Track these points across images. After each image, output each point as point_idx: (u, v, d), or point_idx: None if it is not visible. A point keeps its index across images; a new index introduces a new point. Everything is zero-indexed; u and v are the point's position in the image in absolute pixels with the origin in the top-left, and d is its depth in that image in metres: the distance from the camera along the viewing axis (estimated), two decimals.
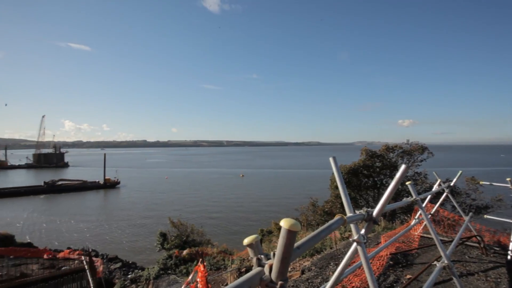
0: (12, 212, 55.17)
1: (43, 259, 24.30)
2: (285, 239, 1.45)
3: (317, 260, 8.22)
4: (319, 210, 22.11)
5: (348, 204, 3.04)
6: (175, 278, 15.15)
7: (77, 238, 38.86)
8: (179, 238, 21.85)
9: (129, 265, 27.42)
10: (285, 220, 1.47)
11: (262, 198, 65.56)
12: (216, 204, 59.36)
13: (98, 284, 16.43)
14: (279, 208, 55.74)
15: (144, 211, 54.29)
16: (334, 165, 3.13)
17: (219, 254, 17.28)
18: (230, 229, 42.45)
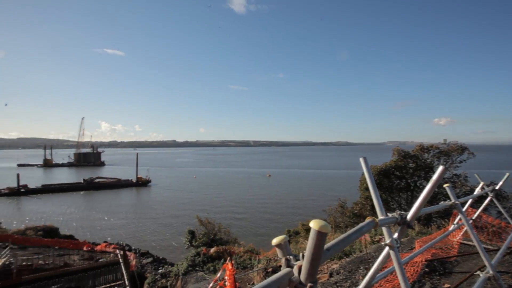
0: (56, 207, 59.78)
1: (83, 251, 26.05)
2: (314, 240, 1.42)
3: (345, 263, 7.99)
4: (348, 212, 21.49)
5: (380, 206, 2.92)
6: (202, 275, 15.49)
7: (111, 232, 41.12)
8: (206, 236, 22.33)
9: (159, 260, 28.49)
10: (315, 221, 1.44)
11: (288, 199, 65.08)
12: (242, 204, 59.90)
13: (131, 277, 17.25)
14: (305, 209, 55.00)
15: (173, 209, 56.16)
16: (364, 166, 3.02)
17: (245, 253, 17.42)
18: (256, 229, 42.62)
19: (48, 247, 25.62)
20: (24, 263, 20.01)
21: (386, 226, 2.70)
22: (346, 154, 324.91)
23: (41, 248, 25.67)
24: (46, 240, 27.90)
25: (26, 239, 27.50)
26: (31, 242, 27.20)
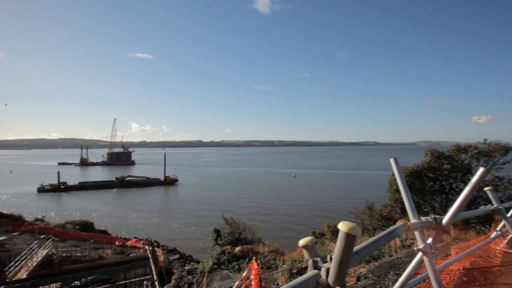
0: (91, 203, 63.57)
1: (115, 245, 27.45)
2: (343, 243, 1.38)
3: (374, 267, 7.70)
4: (376, 214, 20.71)
5: (412, 209, 2.77)
6: (227, 273, 15.69)
7: (140, 229, 42.92)
8: (231, 235, 22.56)
9: (186, 257, 29.31)
10: (344, 223, 1.40)
11: (313, 199, 64.09)
12: (267, 204, 59.90)
13: (159, 272, 17.88)
14: (331, 210, 53.84)
15: (199, 207, 57.46)
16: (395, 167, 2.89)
17: (270, 254, 17.39)
18: (280, 229, 42.42)
19: (84, 241, 27.36)
20: (64, 254, 21.50)
21: (419, 230, 2.56)
22: (374, 154, 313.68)
23: (78, 241, 27.44)
24: (83, 234, 29.80)
25: (66, 232, 29.53)
26: (70, 235, 29.17)
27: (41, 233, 27.46)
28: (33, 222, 33.05)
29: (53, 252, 21.16)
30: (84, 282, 14.85)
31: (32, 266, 18.10)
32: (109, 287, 14.71)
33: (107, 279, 15.29)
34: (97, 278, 15.25)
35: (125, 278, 15.69)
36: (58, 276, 15.64)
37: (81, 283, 14.81)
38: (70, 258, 21.22)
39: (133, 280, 15.52)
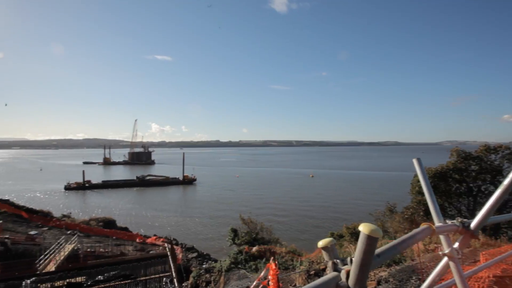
0: (113, 201, 65.87)
1: (136, 242, 28.30)
2: (364, 245, 1.33)
3: (395, 271, 7.45)
4: (398, 216, 20.05)
5: (436, 212, 2.64)
6: (244, 272, 15.75)
7: (159, 227, 43.95)
8: (249, 235, 22.63)
9: (203, 256, 29.71)
10: (365, 224, 1.35)
11: (332, 200, 63.10)
12: (284, 204, 59.62)
13: (178, 269, 18.23)
14: (350, 211, 52.77)
15: (216, 207, 58.08)
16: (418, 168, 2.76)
17: (287, 254, 17.29)
18: (298, 230, 42.08)
19: (107, 237, 28.40)
20: (88, 250, 22.42)
21: (444, 234, 2.44)
22: (395, 154, 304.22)
23: (101, 237, 28.53)
24: (105, 231, 30.96)
25: (90, 229, 30.80)
26: (94, 231, 30.39)
27: (67, 229, 28.81)
28: (60, 218, 34.70)
29: (79, 247, 22.12)
30: (107, 277, 15.40)
31: (60, 259, 19.01)
32: (130, 282, 15.17)
33: (128, 274, 15.78)
34: (119, 274, 15.76)
35: (145, 275, 16.12)
36: (83, 270, 16.32)
37: (104, 277, 15.38)
38: (94, 253, 22.11)
39: (152, 276, 15.91)
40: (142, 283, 15.21)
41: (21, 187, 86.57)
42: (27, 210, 33.38)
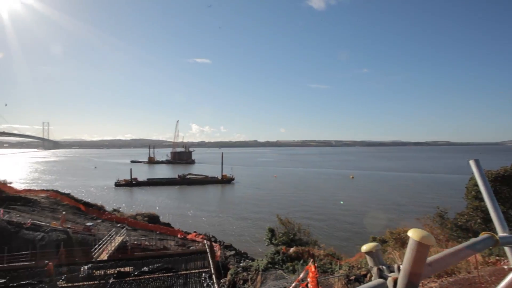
0: (157, 197, 69.93)
1: (177, 237, 29.73)
2: (414, 252, 1.21)
3: (448, 283, 6.82)
4: (449, 223, 18.38)
5: (500, 220, 2.33)
6: (282, 273, 15.65)
7: (199, 224, 45.52)
8: (286, 235, 22.46)
9: (241, 254, 30.17)
10: (415, 230, 1.23)
11: (373, 203, 60.10)
12: (323, 205, 58.21)
13: (216, 266, 18.73)
14: (392, 215, 49.75)
15: (254, 206, 58.62)
16: (476, 170, 2.46)
17: (326, 257, 16.83)
18: (336, 232, 40.78)
19: (151, 231, 30.21)
20: (135, 242, 24.09)
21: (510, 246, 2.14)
22: (446, 155, 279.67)
23: (146, 231, 30.45)
24: (150, 225, 32.97)
25: (137, 223, 33.04)
26: (140, 225, 32.54)
27: (117, 222, 31.24)
28: (111, 212, 37.76)
29: (127, 240, 23.86)
30: (151, 269, 16.35)
31: (111, 250, 20.69)
32: (172, 275, 15.92)
33: (171, 268, 16.57)
34: (162, 266, 16.64)
35: (185, 269, 16.81)
36: (131, 261, 17.53)
37: (149, 269, 16.35)
38: (140, 246, 23.68)
39: (192, 271, 16.52)
40: (183, 276, 15.87)
41: (78, 182, 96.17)
42: (84, 204, 36.88)
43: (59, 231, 23.29)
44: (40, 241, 21.30)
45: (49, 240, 21.75)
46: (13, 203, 28.43)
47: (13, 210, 25.99)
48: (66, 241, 21.93)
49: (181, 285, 14.96)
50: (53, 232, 22.94)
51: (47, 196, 34.80)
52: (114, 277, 15.53)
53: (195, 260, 17.98)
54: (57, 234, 22.89)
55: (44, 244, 20.88)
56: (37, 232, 22.46)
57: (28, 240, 21.05)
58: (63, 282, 15.03)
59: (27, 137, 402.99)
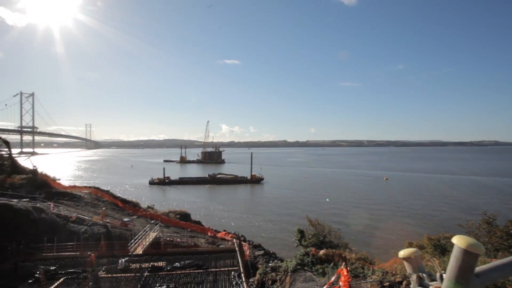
0: (188, 196, 72.25)
1: (207, 235, 30.43)
2: (460, 261, 1.09)
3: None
4: (498, 231, 16.81)
5: None
6: (311, 275, 15.37)
7: (228, 223, 46.24)
8: (316, 237, 22.04)
9: (270, 254, 30.14)
10: (461, 237, 1.11)
11: (409, 206, 56.98)
12: (354, 207, 56.35)
13: (245, 265, 18.87)
14: (430, 220, 46.86)
15: (283, 207, 58.30)
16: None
17: (357, 261, 16.25)
18: (369, 236, 39.25)
19: (183, 229, 31.25)
20: (167, 239, 25.07)
21: None
22: (493, 157, 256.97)
23: (178, 229, 31.54)
24: (182, 223, 34.12)
25: (169, 220, 34.36)
26: (172, 222, 33.80)
27: (151, 219, 32.72)
28: (146, 209, 39.63)
29: (160, 236, 24.90)
30: (182, 265, 16.90)
31: (146, 245, 21.73)
32: (202, 272, 16.32)
33: (201, 265, 17.01)
34: (193, 263, 17.13)
35: (215, 266, 17.15)
36: (164, 256, 18.28)
37: (180, 265, 16.91)
38: (172, 242, 24.60)
39: (222, 269, 16.80)
40: (213, 274, 16.20)
41: (116, 180, 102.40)
42: (121, 200, 39.13)
43: (99, 225, 24.96)
44: (84, 234, 22.97)
45: (91, 233, 23.38)
46: (61, 198, 30.98)
47: (61, 205, 28.29)
48: (106, 234, 23.43)
49: (210, 282, 15.28)
50: (95, 226, 24.62)
51: (89, 193, 37.44)
52: (149, 271, 16.28)
53: (225, 258, 18.26)
54: (98, 228, 24.53)
55: (87, 236, 22.49)
56: (81, 225, 24.25)
57: (74, 232, 22.81)
58: (103, 272, 16.06)
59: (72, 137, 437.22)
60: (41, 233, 20.33)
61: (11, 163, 36.76)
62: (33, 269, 16.15)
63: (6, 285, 14.99)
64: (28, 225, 20.92)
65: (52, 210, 24.65)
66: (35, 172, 35.23)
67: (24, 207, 21.98)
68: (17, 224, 20.46)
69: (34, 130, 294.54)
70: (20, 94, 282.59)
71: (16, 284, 15.11)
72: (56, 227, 22.66)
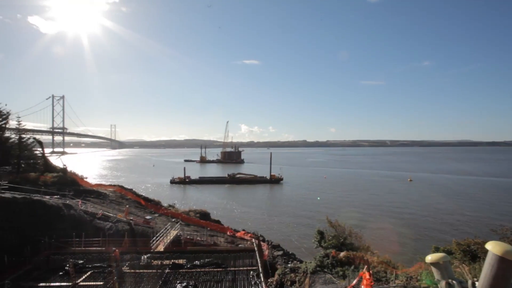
0: (208, 195, 73.29)
1: (227, 235, 30.67)
2: (495, 268, 1.01)
3: None
4: None
5: None
6: (331, 278, 15.07)
7: (247, 222, 46.35)
8: (336, 238, 21.58)
9: (289, 255, 29.87)
10: (496, 243, 1.03)
11: (435, 209, 54.55)
12: (376, 209, 54.76)
13: (264, 265, 18.82)
14: (457, 224, 44.65)
15: (302, 207, 57.69)
16: None
17: (379, 265, 15.73)
18: (391, 239, 37.97)
19: (203, 227, 31.70)
20: (188, 237, 25.52)
21: None
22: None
23: (198, 227, 32.03)
24: (202, 222, 34.64)
25: (189, 219, 34.97)
26: (192, 221, 34.38)
27: (172, 217, 33.46)
28: (167, 207, 40.60)
29: (180, 234, 25.40)
30: (202, 263, 17.15)
31: (167, 242, 22.24)
32: (221, 271, 16.47)
33: (220, 263, 17.18)
34: (212, 261, 17.33)
35: (234, 266, 17.24)
36: (184, 254, 18.63)
37: (200, 263, 17.17)
38: (192, 240, 25.02)
39: (241, 268, 16.88)
40: (232, 273, 16.31)
41: (139, 179, 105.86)
42: (144, 199, 40.34)
43: (123, 222, 25.86)
44: (109, 230, 23.89)
45: (116, 230, 24.28)
46: (88, 196, 32.44)
47: (88, 202, 29.63)
48: (129, 231, 24.23)
49: (229, 281, 15.38)
50: (119, 222, 25.55)
51: (114, 191, 38.89)
52: (169, 268, 16.66)
53: (244, 257, 18.32)
54: (122, 224, 25.44)
55: (111, 233, 23.37)
56: (106, 222, 25.25)
57: (99, 228, 23.79)
58: (126, 268, 16.62)
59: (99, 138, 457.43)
60: (70, 228, 21.38)
61: (44, 162, 38.97)
62: (63, 262, 17.02)
63: (40, 276, 15.92)
64: (58, 221, 22.06)
65: (80, 207, 25.83)
66: (65, 171, 37.11)
67: (55, 204, 23.19)
68: (49, 219, 21.62)
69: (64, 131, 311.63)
70: (52, 97, 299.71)
71: (48, 275, 16.00)
72: (83, 223, 23.72)
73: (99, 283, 15.07)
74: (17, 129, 36.25)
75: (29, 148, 37.45)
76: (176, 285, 14.53)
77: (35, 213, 21.07)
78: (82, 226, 23.12)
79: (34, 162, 37.46)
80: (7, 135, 35.11)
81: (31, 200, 21.75)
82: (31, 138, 39.49)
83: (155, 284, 14.87)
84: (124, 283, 14.90)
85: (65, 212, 23.20)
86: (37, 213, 21.18)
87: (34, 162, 37.37)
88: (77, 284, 14.79)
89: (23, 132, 36.47)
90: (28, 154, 37.13)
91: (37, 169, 35.81)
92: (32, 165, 36.36)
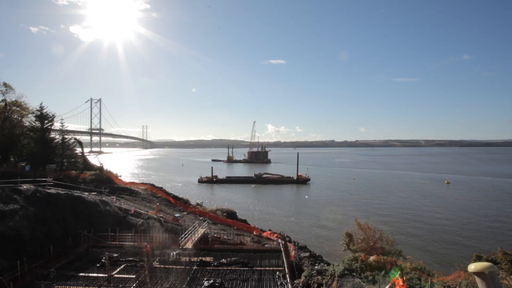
0: (234, 195, 74.11)
1: (253, 234, 30.79)
2: None
3: None
4: None
5: None
6: (360, 282, 14.55)
7: (273, 222, 46.13)
8: (365, 242, 20.87)
9: (316, 256, 29.30)
10: None
11: (476, 214, 50.74)
12: (409, 213, 52.06)
13: (290, 266, 18.63)
14: (502, 231, 41.12)
15: (329, 209, 56.30)
16: None
17: (413, 271, 14.92)
18: (425, 244, 35.91)
19: (229, 226, 32.10)
20: (215, 235, 25.98)
21: None
22: None
23: (225, 226, 32.50)
24: (228, 221, 35.09)
25: (216, 217, 35.59)
26: (219, 220, 34.95)
27: (200, 215, 34.26)
28: (195, 206, 41.64)
29: (208, 232, 25.93)
30: (229, 261, 17.37)
31: (195, 240, 22.81)
32: (247, 270, 16.56)
33: (246, 262, 17.28)
34: (239, 260, 17.49)
35: (260, 265, 17.26)
36: (211, 252, 18.99)
37: (227, 261, 17.40)
38: (219, 239, 25.42)
39: (267, 268, 16.86)
40: (258, 272, 16.34)
41: (169, 178, 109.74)
42: (173, 197, 41.73)
43: (154, 219, 26.96)
44: (140, 226, 25.02)
45: (147, 226, 25.37)
46: (122, 193, 34.25)
47: (122, 199, 31.25)
48: (159, 228, 25.19)
49: (255, 281, 15.42)
50: (150, 219, 26.67)
51: (145, 189, 40.67)
52: (197, 265, 17.06)
53: (270, 257, 18.28)
54: (153, 221, 26.52)
55: (143, 229, 24.45)
56: (138, 218, 26.48)
57: (132, 224, 25.01)
58: (157, 263, 17.29)
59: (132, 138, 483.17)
60: (106, 223, 22.70)
61: (84, 161, 41.79)
62: (100, 254, 18.10)
63: (80, 266, 17.12)
64: (96, 216, 23.52)
65: (114, 203, 27.31)
66: (101, 169, 39.47)
67: (93, 200, 24.75)
68: (87, 215, 23.13)
69: (101, 131, 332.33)
70: (90, 100, 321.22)
71: (88, 266, 17.14)
72: (118, 219, 25.06)
73: (131, 276, 15.82)
74: (61, 130, 39.29)
75: (70, 148, 40.35)
76: (204, 282, 14.84)
77: (76, 208, 22.63)
78: (116, 221, 24.47)
79: (75, 160, 40.29)
80: (52, 136, 38.09)
81: (72, 195, 23.42)
82: (72, 138, 42.47)
83: (184, 280, 15.31)
84: (154, 277, 15.51)
85: (101, 208, 24.66)
86: (77, 208, 22.74)
87: (75, 161, 40.20)
88: (112, 276, 15.64)
89: (65, 133, 39.45)
90: (70, 154, 40.03)
91: (77, 167, 38.49)
92: (73, 164, 39.16)
